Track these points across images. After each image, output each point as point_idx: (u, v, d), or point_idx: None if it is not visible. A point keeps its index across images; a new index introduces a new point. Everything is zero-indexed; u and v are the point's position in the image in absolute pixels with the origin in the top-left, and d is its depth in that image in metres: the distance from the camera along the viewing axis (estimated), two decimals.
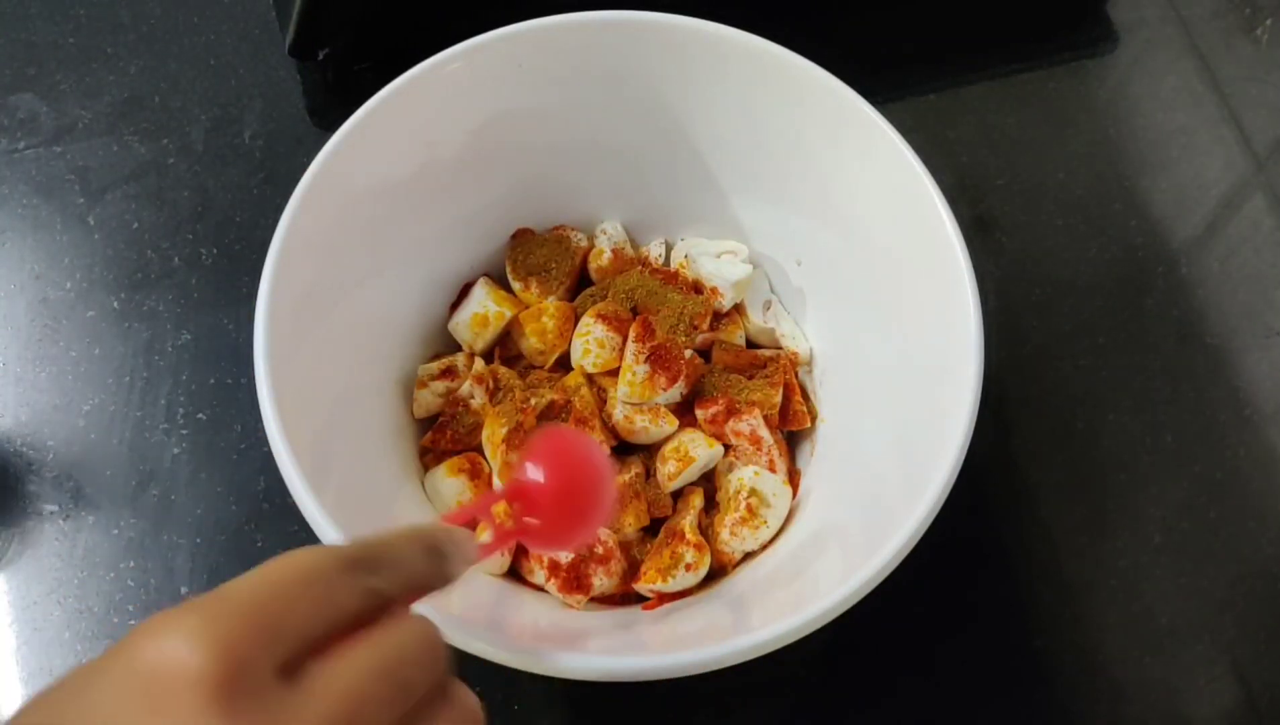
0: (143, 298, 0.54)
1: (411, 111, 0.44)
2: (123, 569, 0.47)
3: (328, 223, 0.42)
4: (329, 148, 0.42)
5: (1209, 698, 0.47)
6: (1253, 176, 0.61)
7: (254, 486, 0.49)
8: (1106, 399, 0.54)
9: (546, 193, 0.51)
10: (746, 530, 0.43)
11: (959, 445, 0.37)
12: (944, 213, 0.41)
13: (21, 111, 0.59)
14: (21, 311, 0.53)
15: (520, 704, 0.45)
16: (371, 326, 0.46)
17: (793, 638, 0.34)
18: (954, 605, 0.48)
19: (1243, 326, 0.56)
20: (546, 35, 0.45)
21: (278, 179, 0.57)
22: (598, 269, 0.51)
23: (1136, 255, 0.58)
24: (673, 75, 0.47)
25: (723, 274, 0.49)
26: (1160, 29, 0.65)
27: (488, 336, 0.49)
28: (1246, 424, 0.53)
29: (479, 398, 0.46)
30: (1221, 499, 0.51)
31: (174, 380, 0.52)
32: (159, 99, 0.59)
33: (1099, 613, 0.49)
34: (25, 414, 0.51)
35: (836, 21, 0.63)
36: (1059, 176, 0.60)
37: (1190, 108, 0.62)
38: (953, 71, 0.63)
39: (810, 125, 0.46)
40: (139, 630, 0.23)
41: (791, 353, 0.50)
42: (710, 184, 0.50)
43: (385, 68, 0.44)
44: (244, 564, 0.46)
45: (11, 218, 0.56)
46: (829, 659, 0.47)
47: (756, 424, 0.46)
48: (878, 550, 0.36)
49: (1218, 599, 0.49)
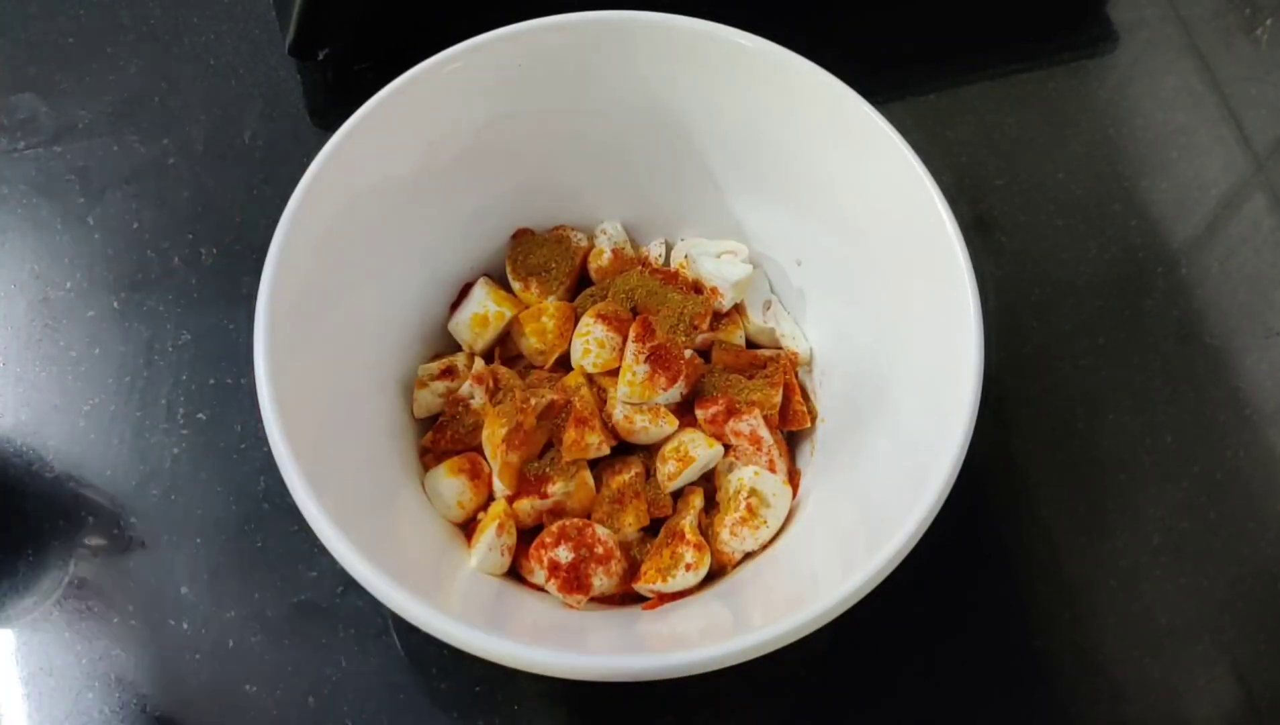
0: (143, 298, 0.54)
1: (411, 111, 0.44)
2: (123, 569, 0.47)
3: (328, 223, 0.42)
4: (329, 148, 0.42)
5: (1209, 698, 0.47)
6: (1253, 176, 0.61)
7: (254, 486, 0.49)
8: (1106, 399, 0.54)
9: (546, 193, 0.51)
10: (746, 530, 0.43)
11: (959, 445, 0.37)
12: (944, 213, 0.41)
13: (21, 111, 0.59)
14: (21, 311, 0.53)
15: (520, 704, 0.45)
16: (371, 326, 0.46)
17: (793, 638, 0.34)
18: (954, 605, 0.48)
19: (1242, 326, 0.56)
20: (546, 35, 0.45)
21: (278, 179, 0.57)
22: (598, 269, 0.51)
23: (1136, 255, 0.58)
24: (673, 75, 0.47)
25: (723, 274, 0.49)
26: (1160, 29, 0.65)
27: (488, 336, 0.49)
28: (1246, 424, 0.53)
29: (479, 398, 0.46)
30: (1221, 499, 0.51)
31: (174, 380, 0.52)
32: (159, 99, 0.59)
33: (1099, 613, 0.49)
34: (25, 414, 0.51)
35: (836, 21, 0.63)
36: (1059, 176, 0.60)
37: (1190, 108, 0.62)
38: (953, 71, 0.63)
39: (810, 125, 0.46)
40: None
41: (791, 353, 0.50)
42: (710, 184, 0.50)
43: (385, 68, 0.44)
44: (244, 564, 0.46)
45: (11, 218, 0.56)
46: (829, 659, 0.47)
47: (756, 424, 0.46)
48: (878, 550, 0.36)
49: (1218, 599, 0.49)
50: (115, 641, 0.46)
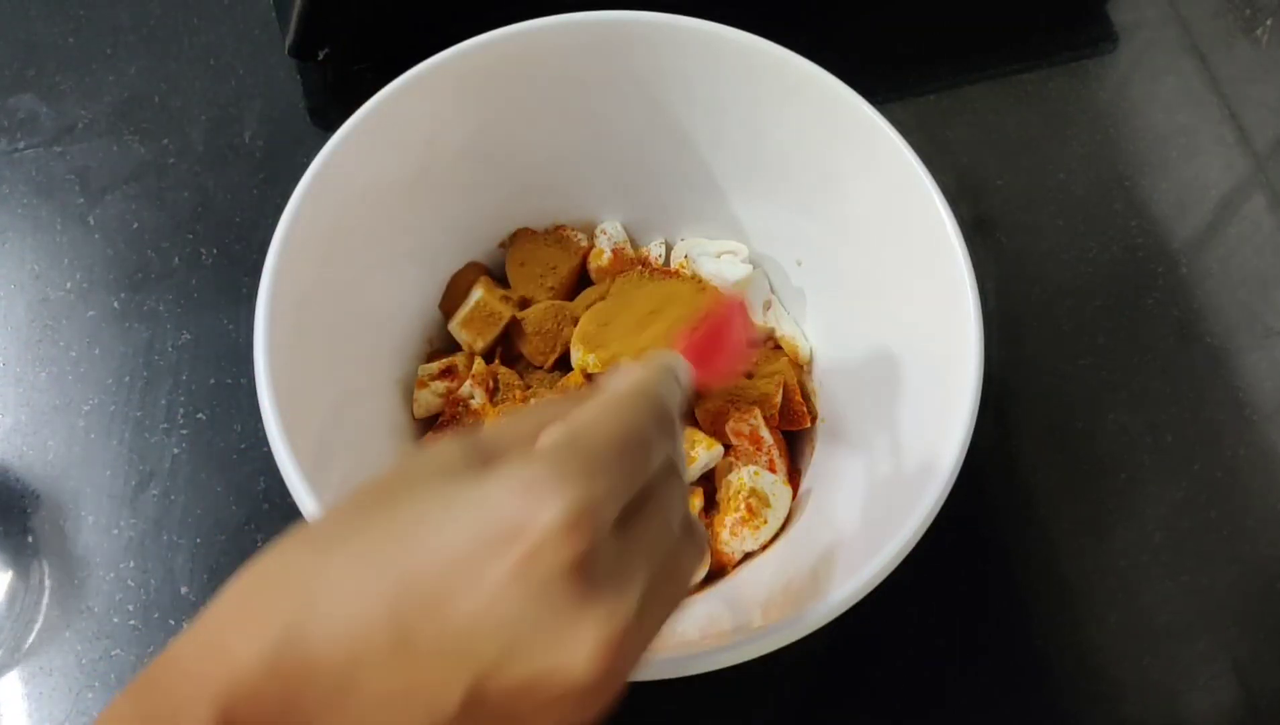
0: (143, 298, 0.54)
1: (411, 111, 0.44)
2: (122, 569, 0.47)
3: (328, 223, 0.42)
4: (329, 148, 0.42)
5: (1209, 698, 0.47)
6: (1253, 176, 0.61)
7: (254, 486, 0.49)
8: (1106, 399, 0.54)
9: (546, 193, 0.51)
10: (746, 530, 0.43)
11: (959, 445, 0.37)
12: (944, 213, 0.41)
13: (21, 111, 0.59)
14: (21, 311, 0.53)
15: None
16: (371, 326, 0.46)
17: (793, 638, 0.34)
18: (954, 605, 0.48)
19: (1242, 326, 0.56)
20: (547, 35, 0.45)
21: (278, 179, 0.57)
22: (598, 269, 0.51)
23: (1136, 255, 0.58)
24: (673, 75, 0.47)
25: (723, 274, 0.49)
26: (1160, 29, 0.65)
27: (488, 336, 0.49)
28: (1246, 424, 0.53)
29: (479, 398, 0.46)
30: (1221, 499, 0.51)
31: (174, 380, 0.52)
32: (159, 99, 0.59)
33: (1099, 613, 0.49)
34: (25, 414, 0.51)
35: (837, 21, 0.63)
36: (1059, 176, 0.60)
37: (1190, 108, 0.62)
38: (953, 71, 0.63)
39: (810, 125, 0.46)
40: (497, 482, 0.23)
41: (791, 353, 0.50)
42: (710, 184, 0.50)
43: (385, 68, 0.44)
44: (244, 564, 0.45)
45: (11, 218, 0.56)
46: (829, 659, 0.47)
47: (756, 424, 0.46)
48: (878, 550, 0.36)
49: (1218, 599, 0.49)
50: (115, 641, 0.46)
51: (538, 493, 0.22)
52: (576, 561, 0.22)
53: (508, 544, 0.22)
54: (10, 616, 0.47)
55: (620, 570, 0.23)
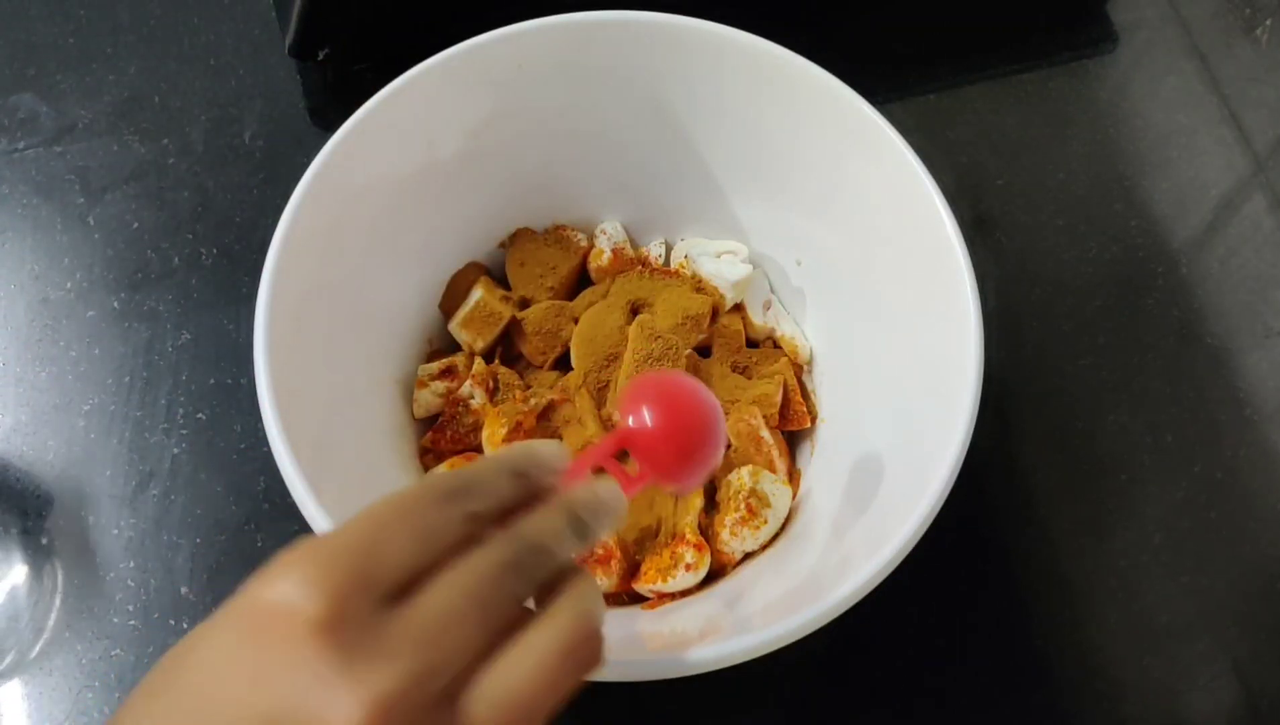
0: (143, 298, 0.54)
1: (411, 111, 0.44)
2: (123, 569, 0.47)
3: (328, 222, 0.42)
4: (329, 148, 0.42)
5: (1209, 698, 0.47)
6: (1253, 176, 0.61)
7: (254, 486, 0.49)
8: (1106, 399, 0.54)
9: (546, 193, 0.51)
10: (746, 530, 0.43)
11: (959, 445, 0.37)
12: (944, 213, 0.41)
13: (21, 111, 0.59)
14: (21, 311, 0.53)
15: None
16: (371, 326, 0.46)
17: (793, 638, 0.34)
18: (954, 605, 0.48)
19: (1242, 326, 0.56)
20: (546, 35, 0.45)
21: (278, 179, 0.57)
22: (598, 269, 0.51)
23: (1136, 255, 0.58)
24: (673, 75, 0.47)
25: (723, 274, 0.49)
26: (1160, 29, 0.65)
27: (488, 336, 0.49)
28: (1246, 424, 0.53)
29: (479, 398, 0.46)
30: (1221, 499, 0.51)
31: (174, 380, 0.52)
32: (159, 99, 0.59)
33: (1099, 613, 0.49)
34: (25, 414, 0.51)
35: (836, 21, 0.63)
36: (1059, 176, 0.60)
37: (1190, 108, 0.62)
38: (953, 71, 0.63)
39: (810, 125, 0.46)
40: (256, 579, 0.24)
41: (791, 353, 0.50)
42: (710, 184, 0.50)
43: (385, 68, 0.44)
44: (244, 564, 0.46)
45: (11, 218, 0.56)
46: (829, 659, 0.47)
47: (757, 424, 0.46)
48: (878, 550, 0.36)
49: (1218, 599, 0.49)
50: (115, 641, 0.46)
51: (275, 580, 0.24)
52: (319, 627, 0.23)
53: (257, 630, 0.24)
54: (10, 616, 0.47)
55: (382, 638, 0.24)
